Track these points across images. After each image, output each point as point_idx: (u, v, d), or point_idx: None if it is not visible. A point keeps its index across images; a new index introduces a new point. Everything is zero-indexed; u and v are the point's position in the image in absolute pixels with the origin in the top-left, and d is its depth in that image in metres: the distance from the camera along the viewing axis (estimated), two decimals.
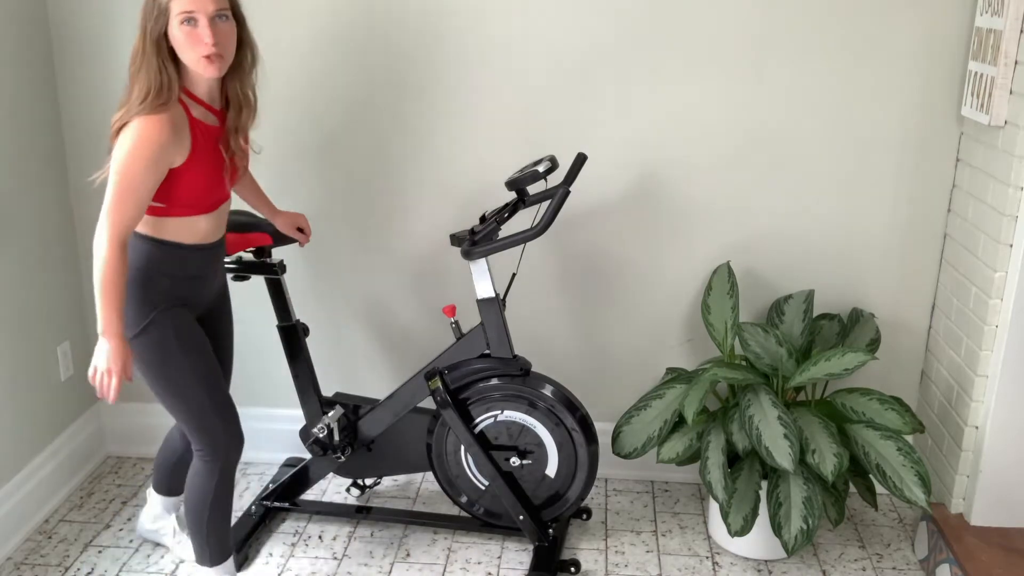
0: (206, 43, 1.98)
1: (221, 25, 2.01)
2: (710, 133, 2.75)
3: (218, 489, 2.30)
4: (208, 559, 2.38)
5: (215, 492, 2.30)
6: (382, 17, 2.73)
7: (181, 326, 2.19)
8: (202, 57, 2.00)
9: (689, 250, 2.87)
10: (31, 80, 2.77)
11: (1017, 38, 2.34)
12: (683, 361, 2.98)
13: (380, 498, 3.02)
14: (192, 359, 2.21)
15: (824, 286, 2.85)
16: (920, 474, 2.39)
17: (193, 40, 1.98)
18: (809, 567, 2.68)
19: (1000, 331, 2.48)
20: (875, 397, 2.57)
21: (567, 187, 2.44)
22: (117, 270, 2.02)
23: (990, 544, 2.50)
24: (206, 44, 1.98)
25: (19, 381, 2.77)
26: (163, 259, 2.16)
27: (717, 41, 2.67)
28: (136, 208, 2.02)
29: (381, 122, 2.83)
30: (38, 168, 2.81)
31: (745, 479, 2.54)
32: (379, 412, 2.73)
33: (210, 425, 2.25)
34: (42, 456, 2.89)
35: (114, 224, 2.01)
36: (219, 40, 2.00)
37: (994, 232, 2.45)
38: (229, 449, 2.29)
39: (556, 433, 2.60)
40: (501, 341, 2.57)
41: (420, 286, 2.98)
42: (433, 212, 2.89)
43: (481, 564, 2.69)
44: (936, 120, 2.69)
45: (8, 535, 2.71)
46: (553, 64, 2.73)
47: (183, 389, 2.21)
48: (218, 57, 2.02)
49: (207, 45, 1.98)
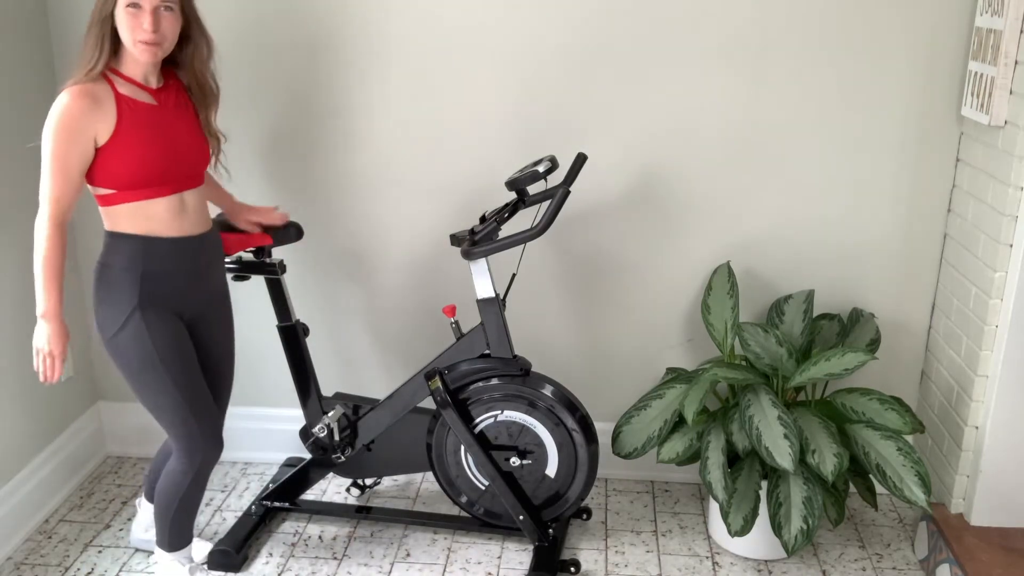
0: (144, 29, 2.07)
1: (164, 15, 2.10)
2: (710, 133, 2.75)
3: (190, 487, 2.35)
4: (167, 544, 2.44)
5: (187, 489, 2.35)
6: (382, 17, 2.74)
7: (158, 327, 2.20)
8: (138, 41, 2.08)
9: (689, 250, 2.87)
10: (31, 79, 2.77)
11: (1017, 38, 2.34)
12: (683, 361, 2.98)
13: (380, 498, 3.02)
14: (169, 361, 2.22)
15: (824, 286, 2.85)
16: (920, 474, 2.39)
17: (133, 24, 2.07)
18: (809, 567, 2.68)
19: (1000, 331, 2.48)
20: (875, 397, 2.57)
21: (567, 187, 2.44)
22: (54, 250, 2.11)
23: (990, 544, 2.50)
24: (144, 30, 2.07)
25: (19, 381, 2.77)
26: (132, 255, 2.18)
27: (717, 41, 2.67)
28: (67, 184, 2.09)
29: (381, 122, 2.83)
30: (38, 168, 2.81)
31: (745, 479, 2.54)
32: (379, 412, 2.73)
33: (186, 429, 2.28)
34: (42, 456, 2.89)
35: (48, 202, 2.10)
36: (158, 29, 2.08)
37: (994, 232, 2.45)
38: (206, 453, 2.32)
39: (556, 433, 2.60)
40: (501, 341, 2.57)
41: (420, 286, 2.98)
42: (433, 212, 2.89)
43: (481, 564, 2.69)
44: (936, 120, 2.69)
45: (8, 535, 2.71)
46: (553, 64, 2.73)
47: (159, 392, 2.23)
48: (154, 45, 2.10)
49: (145, 31, 2.07)
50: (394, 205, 2.91)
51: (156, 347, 2.19)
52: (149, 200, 2.17)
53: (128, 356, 2.20)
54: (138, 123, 2.13)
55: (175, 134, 2.21)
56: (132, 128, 2.12)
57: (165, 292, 2.22)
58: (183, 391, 2.24)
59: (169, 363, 2.22)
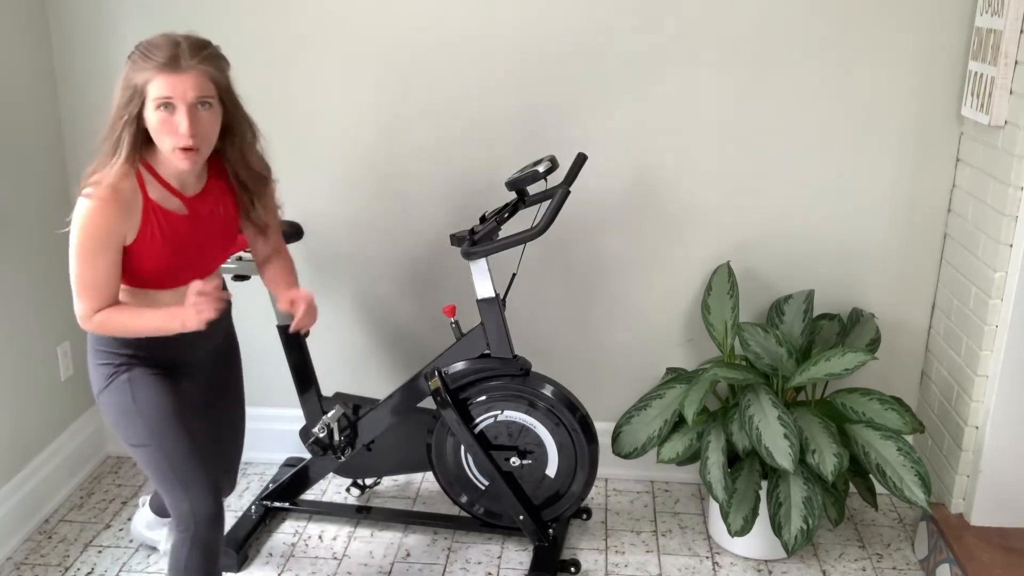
0: (182, 133, 1.84)
1: (202, 114, 1.86)
2: (710, 133, 2.75)
3: (191, 562, 2.04)
4: None
5: (188, 565, 2.05)
6: (382, 18, 2.74)
7: (142, 389, 2.03)
8: (177, 148, 1.86)
9: (689, 250, 2.87)
10: (31, 79, 2.77)
11: (1017, 38, 2.34)
12: (683, 361, 2.98)
13: (380, 498, 3.02)
14: (153, 424, 2.02)
15: (824, 286, 2.85)
16: (920, 474, 2.39)
17: (168, 128, 1.84)
18: (809, 567, 2.68)
19: (1000, 331, 2.48)
20: (875, 397, 2.57)
21: (567, 187, 2.44)
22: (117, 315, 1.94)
23: (990, 544, 2.50)
24: (182, 135, 1.84)
25: (19, 381, 2.77)
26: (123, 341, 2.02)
27: (718, 41, 2.67)
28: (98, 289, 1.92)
29: (381, 123, 2.83)
30: (38, 168, 2.81)
31: (745, 479, 2.54)
32: (379, 412, 2.73)
33: (173, 496, 2.04)
34: (42, 456, 2.89)
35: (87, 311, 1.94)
36: (197, 131, 1.85)
37: (994, 232, 2.45)
38: (196, 521, 2.03)
39: (556, 433, 2.60)
40: (501, 341, 2.57)
41: (420, 286, 2.98)
42: (433, 212, 2.89)
43: (481, 564, 2.69)
44: (936, 120, 2.69)
45: (8, 535, 2.71)
46: (553, 64, 2.73)
47: (143, 455, 2.05)
48: (194, 151, 1.87)
49: (183, 136, 1.84)
50: (394, 205, 2.91)
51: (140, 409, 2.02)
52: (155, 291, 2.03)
53: (113, 414, 2.06)
54: (164, 233, 1.96)
55: (201, 241, 2.04)
56: (155, 237, 1.95)
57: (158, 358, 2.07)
58: (167, 457, 2.02)
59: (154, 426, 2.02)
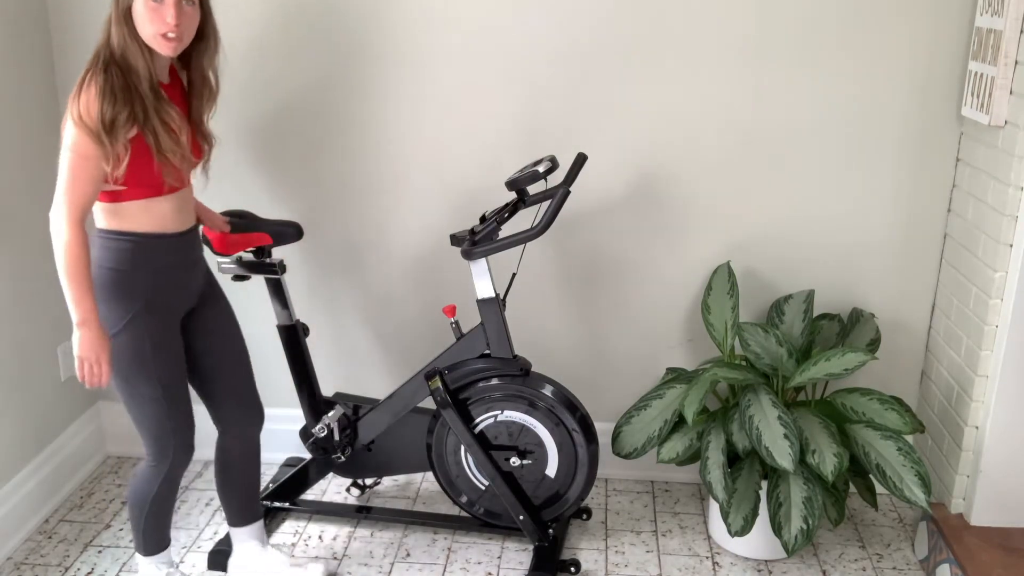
0: (168, 23, 2.01)
1: (186, 8, 2.05)
2: (710, 133, 2.75)
3: (160, 491, 2.33)
4: (143, 548, 2.43)
5: (156, 493, 2.33)
6: (382, 18, 2.74)
7: (157, 333, 2.19)
8: (159, 35, 2.02)
9: (689, 250, 2.87)
10: (31, 78, 2.77)
11: (1017, 38, 2.34)
12: (683, 361, 2.98)
13: (380, 498, 3.02)
14: (162, 369, 2.21)
15: (824, 286, 2.85)
16: (920, 474, 2.39)
17: (155, 17, 2.01)
18: (809, 567, 2.68)
19: (1000, 331, 2.48)
20: (875, 397, 2.57)
21: (567, 187, 2.44)
22: (83, 252, 2.02)
23: (990, 544, 2.50)
24: (167, 23, 2.01)
25: (19, 381, 2.77)
26: (139, 253, 2.14)
27: (717, 41, 2.67)
28: (91, 184, 2.02)
29: (381, 122, 2.83)
30: (38, 167, 2.81)
31: (745, 479, 2.54)
32: (379, 412, 2.73)
33: (163, 436, 2.27)
34: (42, 456, 2.89)
35: (66, 204, 2.01)
36: (180, 22, 2.03)
37: (994, 232, 2.45)
38: (176, 459, 2.31)
39: (556, 433, 2.60)
40: (501, 341, 2.57)
41: (420, 286, 2.98)
42: (433, 212, 2.89)
43: (481, 564, 2.69)
44: (936, 120, 2.69)
45: (8, 535, 2.71)
46: (553, 64, 2.73)
47: (145, 397, 2.22)
48: (176, 39, 2.05)
49: (168, 24, 2.01)
50: (394, 205, 2.91)
51: (152, 352, 2.18)
52: (158, 198, 2.14)
53: (121, 357, 2.17)
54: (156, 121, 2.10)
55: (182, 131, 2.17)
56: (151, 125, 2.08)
57: (162, 291, 2.20)
58: (168, 400, 2.24)
59: (161, 370, 2.20)
